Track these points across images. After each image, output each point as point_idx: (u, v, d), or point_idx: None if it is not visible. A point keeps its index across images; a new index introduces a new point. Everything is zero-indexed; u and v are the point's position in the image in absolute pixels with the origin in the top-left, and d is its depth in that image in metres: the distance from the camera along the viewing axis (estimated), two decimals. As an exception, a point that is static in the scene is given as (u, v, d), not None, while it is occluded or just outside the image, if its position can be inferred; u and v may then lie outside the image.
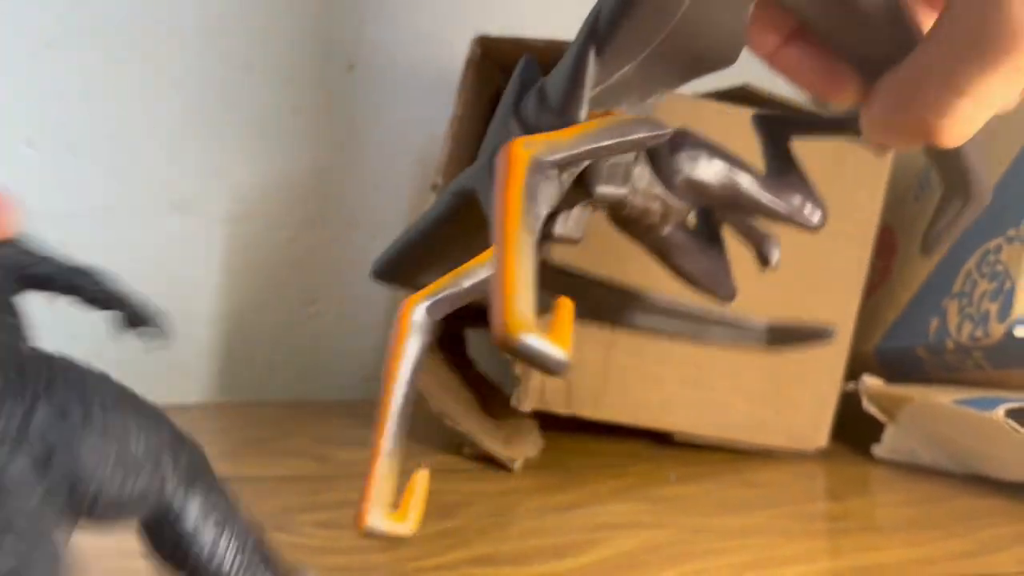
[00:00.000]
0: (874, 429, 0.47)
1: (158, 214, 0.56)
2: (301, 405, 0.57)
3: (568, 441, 0.47)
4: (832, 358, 0.46)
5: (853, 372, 0.48)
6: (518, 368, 0.45)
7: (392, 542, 0.35)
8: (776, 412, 0.46)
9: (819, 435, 0.47)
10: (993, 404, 0.39)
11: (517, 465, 0.43)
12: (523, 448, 0.44)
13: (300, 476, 0.42)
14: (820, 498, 0.43)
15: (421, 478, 0.25)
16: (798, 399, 0.46)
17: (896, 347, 0.48)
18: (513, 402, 0.45)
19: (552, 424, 0.47)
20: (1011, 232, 0.43)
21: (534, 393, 0.45)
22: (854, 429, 0.49)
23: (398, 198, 0.60)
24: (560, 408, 0.45)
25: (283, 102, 0.58)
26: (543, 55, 0.36)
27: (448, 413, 0.42)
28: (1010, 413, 0.39)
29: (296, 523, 0.36)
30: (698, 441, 0.47)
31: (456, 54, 0.48)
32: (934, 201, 0.49)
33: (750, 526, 0.40)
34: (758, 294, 0.43)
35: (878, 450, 0.47)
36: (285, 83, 0.57)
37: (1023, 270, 0.41)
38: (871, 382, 0.47)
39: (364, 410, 0.52)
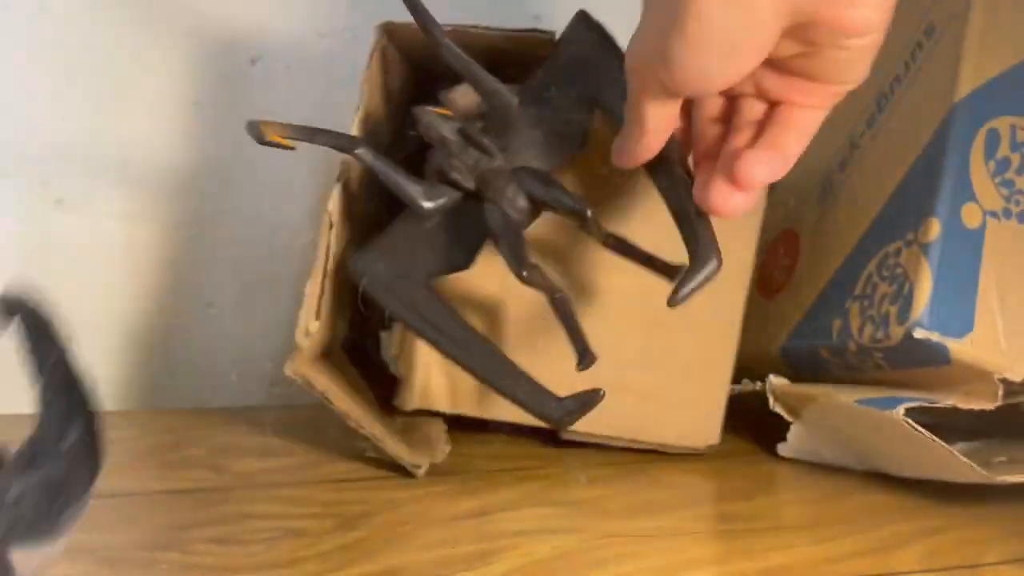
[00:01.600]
0: (780, 428, 0.48)
1: (43, 212, 0.53)
2: (200, 414, 0.54)
3: (477, 445, 0.47)
4: (720, 355, 0.46)
5: (759, 372, 0.48)
6: (401, 366, 0.44)
7: (294, 557, 0.34)
8: (665, 409, 0.45)
9: (710, 433, 0.46)
10: (893, 403, 0.40)
11: (422, 471, 0.41)
12: (429, 453, 0.43)
13: (195, 489, 0.40)
14: (729, 498, 0.43)
15: None
16: (687, 396, 0.46)
17: (801, 347, 0.49)
18: (396, 401, 0.44)
19: (461, 427, 0.46)
20: (909, 236, 0.44)
21: (417, 391, 0.43)
22: (760, 428, 0.50)
23: (303, 196, 0.58)
24: (444, 406, 0.44)
25: (181, 95, 0.55)
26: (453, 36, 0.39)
27: (351, 414, 0.40)
28: (909, 412, 0.40)
29: (189, 540, 0.34)
30: (585, 439, 0.46)
31: (365, 48, 0.47)
32: (838, 205, 0.50)
33: (661, 528, 0.40)
34: (635, 334, 0.44)
35: (783, 449, 0.48)
36: (182, 76, 0.55)
37: (921, 273, 0.43)
38: (777, 381, 0.48)
39: (267, 418, 0.51)
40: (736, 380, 0.50)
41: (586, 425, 0.44)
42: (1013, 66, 0.45)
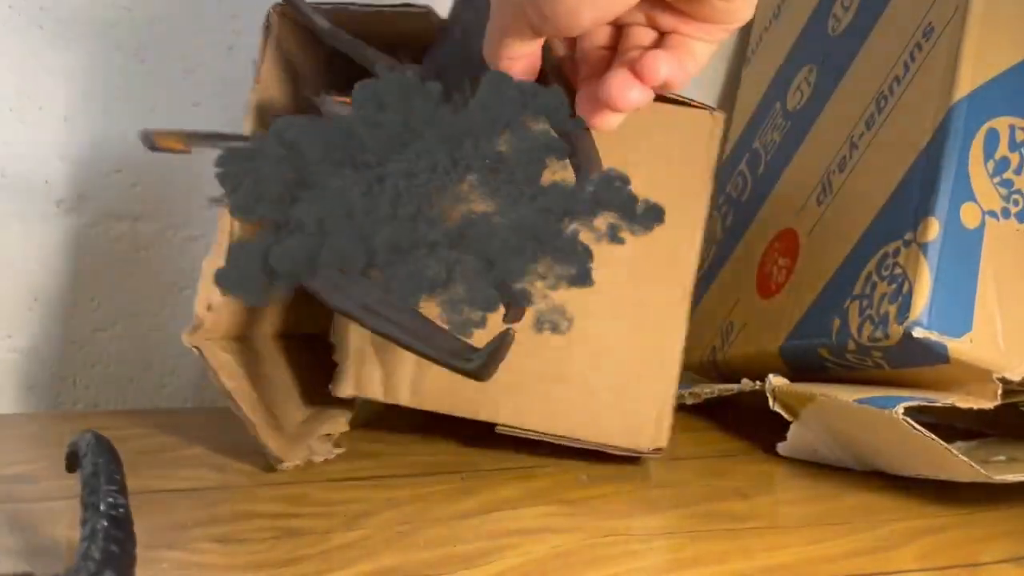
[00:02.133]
0: (779, 427, 0.48)
1: (45, 213, 0.53)
2: (200, 413, 0.54)
3: (479, 445, 0.47)
4: (667, 357, 0.44)
5: (759, 371, 0.49)
6: (337, 353, 0.44)
7: (294, 556, 0.34)
8: (609, 407, 0.44)
9: (658, 435, 0.44)
10: (892, 402, 0.40)
11: (284, 467, 0.41)
12: (310, 451, 0.43)
13: (196, 488, 0.40)
14: (727, 497, 0.43)
15: None
16: (633, 396, 0.44)
17: (800, 346, 0.49)
18: (332, 388, 0.44)
19: (463, 428, 0.46)
20: (908, 236, 0.44)
21: (350, 378, 0.43)
22: (760, 428, 0.50)
23: (303, 196, 0.58)
24: (377, 395, 0.44)
25: (182, 96, 0.55)
26: (337, 20, 0.40)
27: (234, 395, 0.40)
28: (908, 411, 0.40)
29: (190, 539, 0.35)
30: (524, 435, 0.44)
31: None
32: (838, 205, 0.50)
33: (660, 527, 0.40)
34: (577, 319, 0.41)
35: (782, 448, 0.48)
36: (183, 77, 0.55)
37: (920, 273, 0.43)
38: (777, 381, 0.48)
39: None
40: (736, 380, 0.50)
41: (521, 420, 0.43)
42: (1012, 66, 0.46)
